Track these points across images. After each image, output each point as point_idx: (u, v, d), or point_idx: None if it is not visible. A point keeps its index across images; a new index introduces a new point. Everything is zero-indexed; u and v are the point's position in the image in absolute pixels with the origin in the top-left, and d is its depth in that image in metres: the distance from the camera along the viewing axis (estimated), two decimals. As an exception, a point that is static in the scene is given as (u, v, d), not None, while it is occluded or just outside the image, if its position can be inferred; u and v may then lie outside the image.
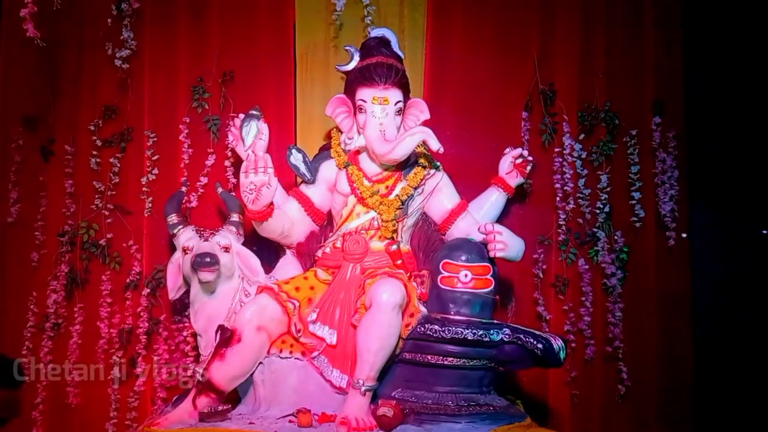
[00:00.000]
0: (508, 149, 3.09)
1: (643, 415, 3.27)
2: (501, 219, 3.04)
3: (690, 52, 3.41)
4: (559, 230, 3.26)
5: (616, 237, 3.25)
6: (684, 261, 3.35)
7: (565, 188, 3.24)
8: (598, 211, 3.24)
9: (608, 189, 3.25)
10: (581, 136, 3.27)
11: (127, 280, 3.14)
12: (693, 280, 3.36)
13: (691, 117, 3.37)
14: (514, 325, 2.56)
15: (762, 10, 3.42)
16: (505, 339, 2.48)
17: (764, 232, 4.39)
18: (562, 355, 2.46)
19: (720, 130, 3.58)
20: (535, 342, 2.45)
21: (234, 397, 2.64)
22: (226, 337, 2.52)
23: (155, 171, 3.18)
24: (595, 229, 3.24)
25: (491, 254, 2.59)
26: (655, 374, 3.28)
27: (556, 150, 3.26)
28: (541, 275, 3.25)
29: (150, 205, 3.16)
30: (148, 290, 3.10)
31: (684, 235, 3.30)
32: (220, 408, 2.50)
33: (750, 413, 3.44)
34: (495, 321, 2.59)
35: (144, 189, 3.17)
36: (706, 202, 3.53)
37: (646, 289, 3.31)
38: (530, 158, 3.08)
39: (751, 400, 3.46)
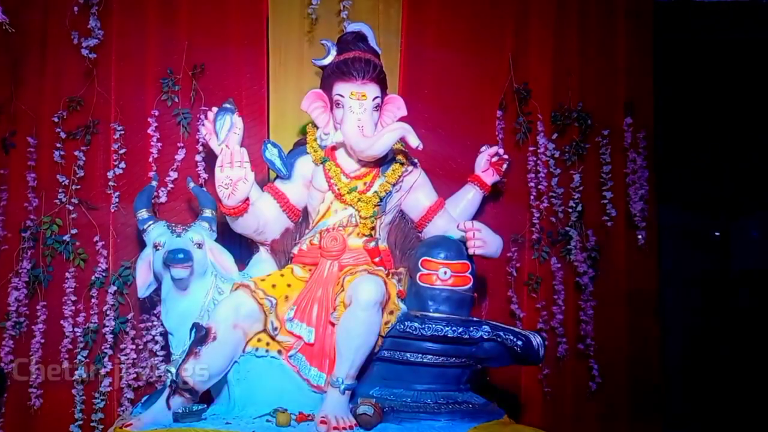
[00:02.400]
0: (484, 147, 3.10)
1: (613, 411, 3.31)
2: (476, 217, 3.03)
3: (660, 55, 3.48)
4: (532, 229, 3.28)
5: (588, 235, 3.29)
6: (652, 260, 3.41)
7: (538, 187, 3.26)
8: (570, 210, 3.28)
9: (580, 188, 3.28)
10: (554, 136, 3.30)
11: (93, 278, 3.02)
12: (660, 278, 3.43)
13: (661, 118, 3.44)
14: (494, 323, 2.56)
15: (731, 13, 3.51)
16: (485, 336, 2.49)
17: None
18: (541, 352, 2.48)
19: (689, 131, 3.66)
20: (514, 339, 2.46)
21: (207, 397, 2.58)
22: (202, 335, 2.46)
23: (122, 165, 3.06)
24: (567, 228, 3.28)
25: (470, 251, 2.59)
26: (625, 371, 3.33)
27: (530, 149, 3.28)
28: (515, 273, 3.26)
29: (117, 200, 3.05)
30: (115, 288, 2.99)
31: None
32: (194, 408, 2.44)
33: (717, 408, 3.53)
34: (474, 318, 2.59)
35: (110, 183, 3.05)
36: (674, 202, 3.60)
37: (617, 288, 3.36)
38: (506, 156, 3.09)
39: (718, 395, 3.55)
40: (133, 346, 3.01)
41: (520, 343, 2.45)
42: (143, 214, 2.78)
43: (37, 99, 3.10)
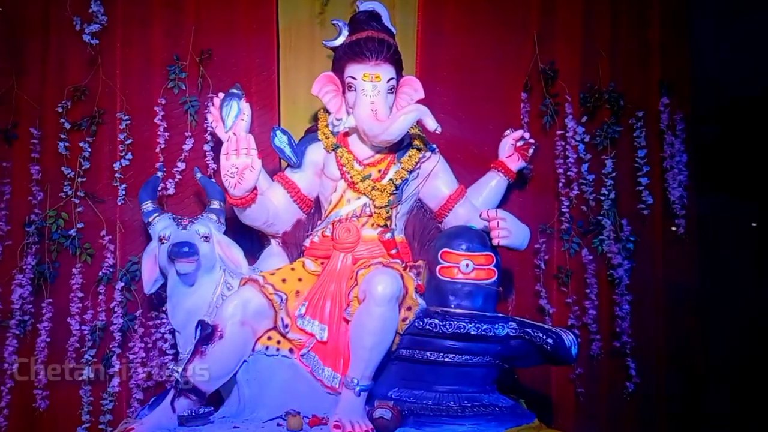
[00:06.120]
0: (508, 131, 2.96)
1: (652, 413, 3.16)
2: (500, 206, 2.90)
3: (697, 30, 3.33)
4: (562, 218, 3.13)
5: (622, 225, 3.13)
6: (692, 250, 3.26)
7: (567, 174, 3.12)
8: (602, 198, 3.13)
9: (613, 174, 3.13)
10: (584, 119, 3.15)
11: (100, 274, 2.93)
12: (702, 270, 3.29)
13: (699, 98, 3.26)
14: (521, 319, 2.41)
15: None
16: (512, 334, 2.35)
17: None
18: (573, 350, 2.32)
19: (728, 112, 3.49)
20: (544, 337, 2.31)
21: (216, 399, 2.45)
22: (207, 333, 2.33)
23: (129, 156, 2.97)
24: (599, 217, 3.13)
25: (494, 242, 2.44)
26: (665, 370, 3.18)
27: (558, 133, 3.14)
28: (543, 266, 3.12)
29: (123, 192, 2.96)
30: (123, 284, 2.90)
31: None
32: (201, 411, 2.31)
33: (762, 411, 3.35)
34: (500, 314, 2.44)
35: (117, 175, 2.96)
36: (715, 188, 3.44)
37: (655, 281, 3.21)
38: (532, 141, 2.95)
39: (763, 397, 3.38)
40: (142, 345, 2.92)
41: (550, 341, 2.30)
42: (148, 206, 2.67)
43: (40, 88, 3.02)
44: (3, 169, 2.97)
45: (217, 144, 2.87)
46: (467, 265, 2.43)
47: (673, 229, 3.21)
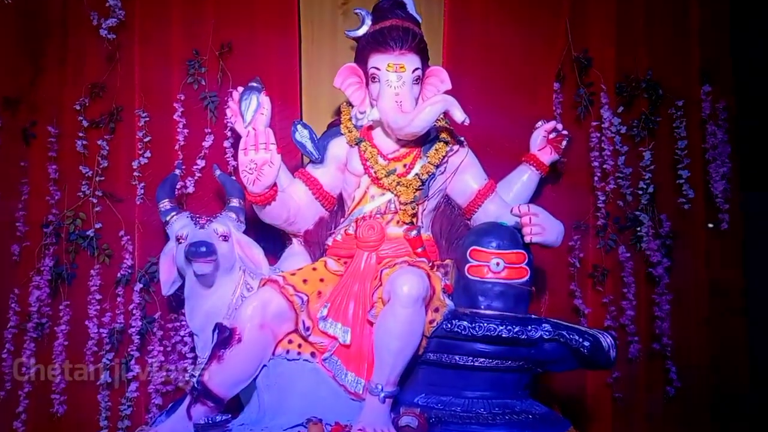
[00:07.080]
0: (539, 123, 2.87)
1: (694, 419, 3.05)
2: (532, 201, 2.80)
3: (739, 14, 3.21)
4: (597, 214, 3.03)
5: (661, 220, 3.02)
6: (736, 247, 3.14)
7: (603, 167, 3.01)
8: (640, 192, 3.02)
9: (652, 167, 3.02)
10: (620, 109, 3.04)
11: (118, 275, 2.88)
12: (747, 268, 3.16)
13: (743, 86, 3.15)
14: (555, 320, 2.31)
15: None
16: (545, 336, 2.25)
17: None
18: (612, 354, 2.22)
19: None
20: (580, 340, 2.21)
21: (235, 405, 2.40)
22: (225, 336, 2.26)
23: (147, 154, 2.92)
24: (637, 212, 3.02)
25: (526, 239, 2.35)
26: (708, 374, 3.06)
27: (593, 124, 3.04)
28: (578, 264, 3.01)
29: (142, 191, 2.91)
30: (141, 285, 2.85)
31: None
32: (218, 418, 2.27)
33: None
34: (533, 316, 2.35)
35: (135, 174, 2.91)
36: (761, 180, 3.31)
37: (696, 279, 3.09)
38: (565, 132, 2.85)
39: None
40: (161, 348, 2.86)
41: (586, 344, 2.20)
42: (165, 204, 2.64)
43: (58, 86, 2.98)
44: (21, 168, 2.95)
45: (237, 140, 2.79)
46: (498, 264, 2.34)
47: (714, 225, 3.12)
